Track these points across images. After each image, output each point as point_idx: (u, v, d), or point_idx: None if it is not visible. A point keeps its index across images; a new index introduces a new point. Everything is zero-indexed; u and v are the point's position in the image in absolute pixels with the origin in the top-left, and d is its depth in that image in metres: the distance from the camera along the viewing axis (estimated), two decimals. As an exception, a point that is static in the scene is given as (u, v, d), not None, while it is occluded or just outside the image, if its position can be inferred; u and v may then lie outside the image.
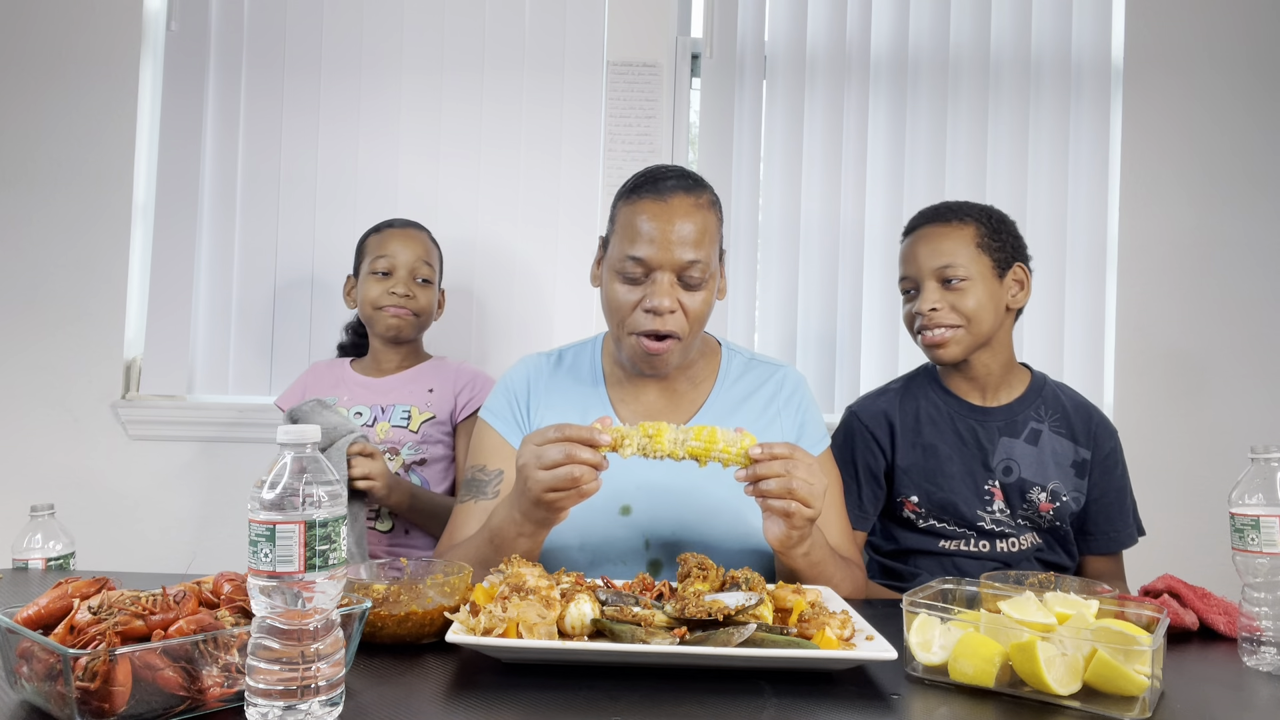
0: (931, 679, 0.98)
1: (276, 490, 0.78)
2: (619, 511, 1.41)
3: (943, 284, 1.61)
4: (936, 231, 1.64)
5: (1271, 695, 0.99)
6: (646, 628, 0.97)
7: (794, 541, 1.22)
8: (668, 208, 1.37)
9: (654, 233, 1.36)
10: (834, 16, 2.47)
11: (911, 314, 1.65)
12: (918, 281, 1.63)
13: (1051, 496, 1.62)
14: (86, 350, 2.39)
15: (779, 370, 1.56)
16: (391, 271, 1.96)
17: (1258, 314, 2.48)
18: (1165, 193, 2.48)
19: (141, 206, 2.43)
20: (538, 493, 1.16)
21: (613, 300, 1.41)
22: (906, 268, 1.67)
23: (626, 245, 1.38)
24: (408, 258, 1.97)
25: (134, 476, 2.39)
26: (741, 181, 2.45)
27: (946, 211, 1.68)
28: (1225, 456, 2.44)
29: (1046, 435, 1.65)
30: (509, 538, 1.25)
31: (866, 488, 1.67)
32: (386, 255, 1.97)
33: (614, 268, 1.41)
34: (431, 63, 2.43)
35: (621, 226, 1.41)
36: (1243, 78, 2.49)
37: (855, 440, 1.69)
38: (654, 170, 1.45)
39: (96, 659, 0.77)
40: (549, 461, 1.15)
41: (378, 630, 1.05)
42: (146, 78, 2.43)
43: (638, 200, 1.39)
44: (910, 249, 1.66)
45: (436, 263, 2.05)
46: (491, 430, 1.51)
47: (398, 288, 1.95)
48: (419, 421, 1.96)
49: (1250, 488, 1.09)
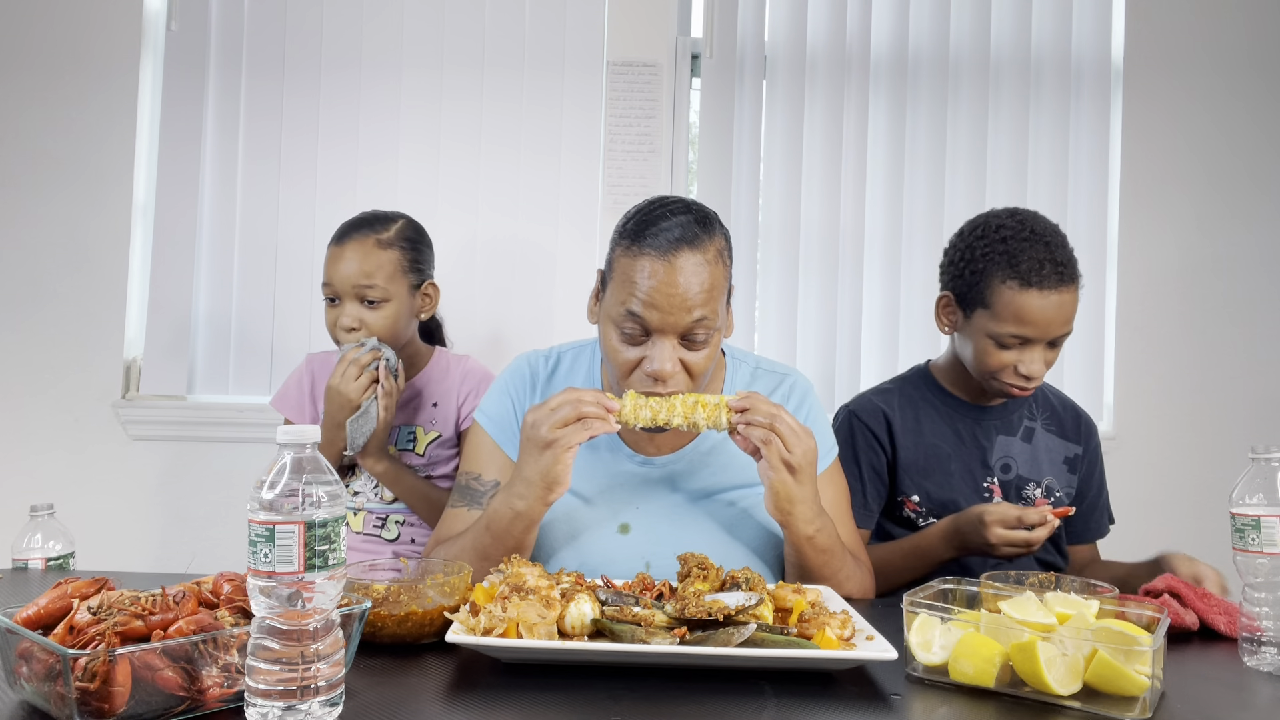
0: (931, 679, 0.98)
1: (276, 490, 0.77)
2: (618, 530, 1.38)
3: (1048, 346, 1.53)
4: (1071, 298, 1.50)
5: (1271, 695, 0.99)
6: (646, 628, 0.97)
7: (789, 493, 1.23)
8: (671, 268, 1.23)
9: (655, 296, 1.23)
10: (834, 17, 2.47)
11: (1007, 368, 1.53)
12: (1031, 341, 1.50)
13: (1046, 492, 1.64)
14: (86, 350, 2.39)
15: (787, 378, 1.50)
16: (338, 299, 1.73)
17: (1257, 314, 2.48)
18: (1165, 193, 2.48)
19: (141, 206, 2.43)
20: (546, 432, 1.18)
21: (610, 353, 1.31)
22: (1029, 329, 1.49)
23: (626, 299, 1.26)
24: (348, 280, 1.71)
25: (134, 476, 2.39)
26: (741, 181, 2.45)
27: (1073, 270, 1.52)
28: (1225, 457, 2.44)
29: (1040, 433, 1.67)
30: (505, 519, 1.24)
31: (870, 485, 1.66)
32: (330, 280, 1.74)
33: (611, 317, 1.29)
34: (431, 63, 2.43)
35: (620, 276, 1.28)
36: (1243, 78, 2.49)
37: (856, 438, 1.68)
38: (656, 211, 1.30)
39: (96, 659, 0.77)
40: (554, 407, 1.19)
41: (378, 630, 1.04)
42: (146, 78, 2.43)
43: (640, 254, 1.25)
44: (1040, 313, 1.48)
45: (390, 269, 1.75)
46: (486, 437, 1.45)
47: (343, 319, 1.72)
48: (425, 444, 1.82)
49: (1250, 488, 1.09)
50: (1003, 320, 1.50)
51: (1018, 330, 1.49)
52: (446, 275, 2.42)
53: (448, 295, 2.36)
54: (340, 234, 1.77)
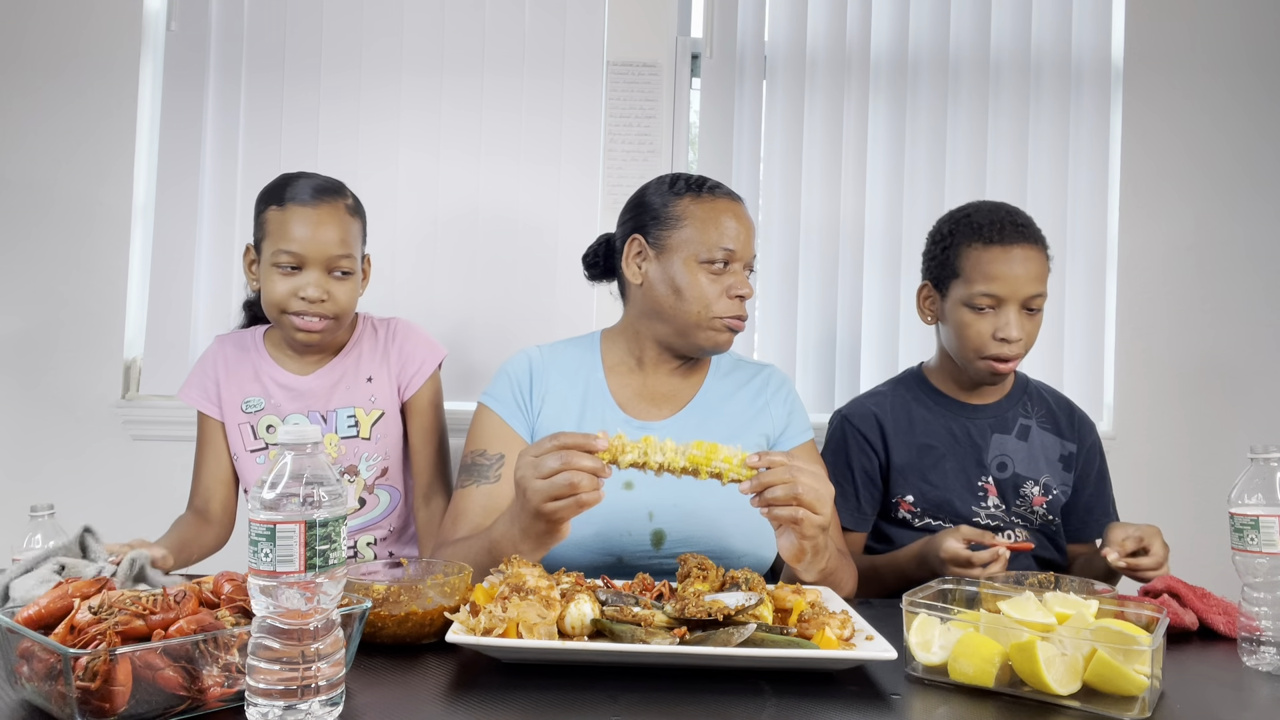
0: (931, 679, 0.98)
1: (276, 490, 0.78)
2: (622, 486, 1.43)
3: (1024, 309, 1.56)
4: (1032, 255, 1.57)
5: (1271, 695, 0.99)
6: (646, 628, 0.97)
7: (808, 553, 1.20)
8: (738, 205, 1.52)
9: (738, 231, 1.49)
10: (834, 17, 2.47)
11: (985, 335, 1.56)
12: (1003, 301, 1.55)
13: (1044, 490, 1.64)
14: (86, 350, 2.39)
15: (765, 368, 1.64)
16: (302, 266, 1.57)
17: (1257, 314, 2.48)
18: (1165, 193, 2.48)
19: (141, 206, 2.43)
20: (537, 503, 1.13)
21: (699, 290, 1.46)
22: (997, 286, 1.54)
23: (719, 238, 1.47)
24: (321, 248, 1.56)
25: (134, 476, 2.39)
26: (741, 181, 2.45)
27: (1034, 230, 1.61)
28: (1225, 457, 2.44)
29: (1035, 431, 1.68)
30: (508, 552, 1.23)
31: (864, 490, 1.68)
32: (294, 247, 1.55)
33: (698, 259, 1.46)
34: (431, 62, 2.43)
35: (698, 222, 1.48)
36: (1243, 78, 2.49)
37: (849, 443, 1.70)
38: (698, 176, 1.56)
39: (97, 659, 0.77)
40: (547, 470, 1.12)
41: (378, 630, 1.05)
42: (146, 78, 2.43)
43: (715, 199, 1.50)
44: (1004, 267, 1.55)
45: (358, 239, 1.64)
46: (493, 415, 1.51)
47: (308, 290, 1.56)
48: (369, 425, 1.71)
49: (1250, 488, 1.09)
50: (973, 281, 1.57)
51: (987, 288, 1.55)
52: (447, 274, 2.43)
53: (448, 295, 2.37)
54: (303, 194, 1.59)
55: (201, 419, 1.77)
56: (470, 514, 1.42)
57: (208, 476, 1.77)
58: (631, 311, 1.57)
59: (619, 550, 1.42)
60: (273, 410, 1.72)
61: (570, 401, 1.52)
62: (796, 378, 2.44)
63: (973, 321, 1.57)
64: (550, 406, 1.51)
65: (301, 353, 1.72)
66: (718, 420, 1.53)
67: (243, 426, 1.72)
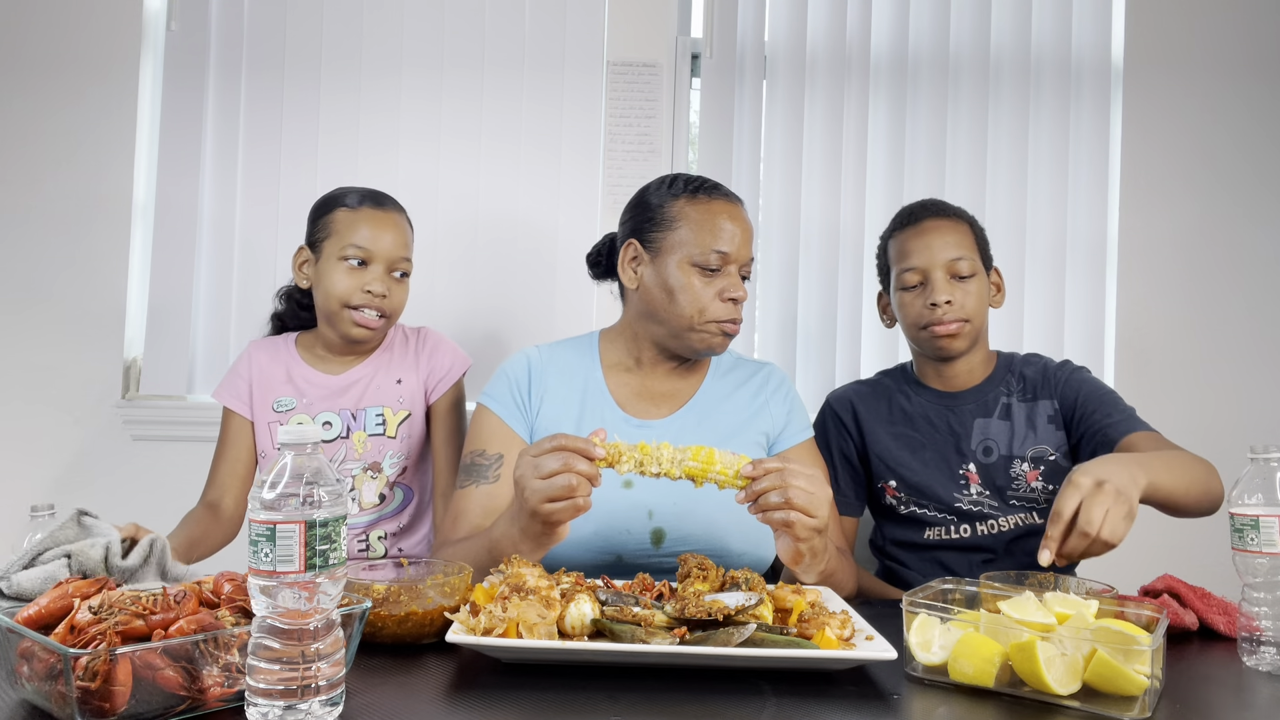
0: (931, 679, 0.98)
1: (277, 490, 0.78)
2: (621, 485, 1.44)
3: (952, 278, 1.62)
4: (945, 225, 1.65)
5: (1271, 695, 0.99)
6: (646, 628, 0.97)
7: (806, 557, 1.20)
8: (738, 210, 1.52)
9: (734, 233, 1.48)
10: (834, 16, 2.47)
11: (920, 307, 1.63)
12: (927, 273, 1.62)
13: (1034, 464, 1.63)
14: (86, 350, 2.39)
15: (764, 367, 1.65)
16: (368, 262, 1.67)
17: (1257, 313, 2.48)
18: (1165, 192, 2.48)
19: (141, 206, 2.43)
20: (535, 504, 1.14)
21: (692, 292, 1.46)
22: (915, 259, 1.63)
23: (711, 240, 1.46)
24: (388, 248, 1.68)
25: (134, 476, 2.39)
26: (741, 181, 2.45)
27: (945, 207, 1.69)
28: (1225, 456, 2.44)
29: (1015, 406, 1.68)
30: (508, 552, 1.23)
31: (842, 471, 1.74)
32: (363, 243, 1.67)
33: (693, 261, 1.46)
34: (431, 62, 2.43)
35: (694, 223, 1.48)
36: (1243, 78, 2.49)
37: (827, 426, 1.77)
38: (696, 177, 1.56)
39: (97, 659, 0.77)
40: (546, 471, 1.13)
41: (378, 630, 1.05)
42: (146, 78, 2.43)
43: (710, 200, 1.50)
44: (918, 241, 1.64)
45: (412, 249, 1.78)
46: (492, 415, 1.51)
47: (374, 285, 1.66)
48: (395, 424, 1.76)
49: (1250, 487, 1.09)
50: (898, 264, 1.67)
51: (907, 263, 1.64)
52: (447, 275, 2.43)
53: (448, 295, 2.37)
54: (372, 199, 1.73)
55: (227, 415, 1.80)
56: (470, 514, 1.42)
57: (225, 471, 1.79)
58: (629, 312, 1.57)
59: (618, 549, 1.43)
60: (304, 409, 1.75)
61: (569, 401, 1.52)
62: (796, 376, 2.44)
63: (909, 300, 1.65)
64: (549, 406, 1.51)
65: (343, 352, 1.77)
66: (717, 419, 1.54)
67: (272, 425, 1.76)
